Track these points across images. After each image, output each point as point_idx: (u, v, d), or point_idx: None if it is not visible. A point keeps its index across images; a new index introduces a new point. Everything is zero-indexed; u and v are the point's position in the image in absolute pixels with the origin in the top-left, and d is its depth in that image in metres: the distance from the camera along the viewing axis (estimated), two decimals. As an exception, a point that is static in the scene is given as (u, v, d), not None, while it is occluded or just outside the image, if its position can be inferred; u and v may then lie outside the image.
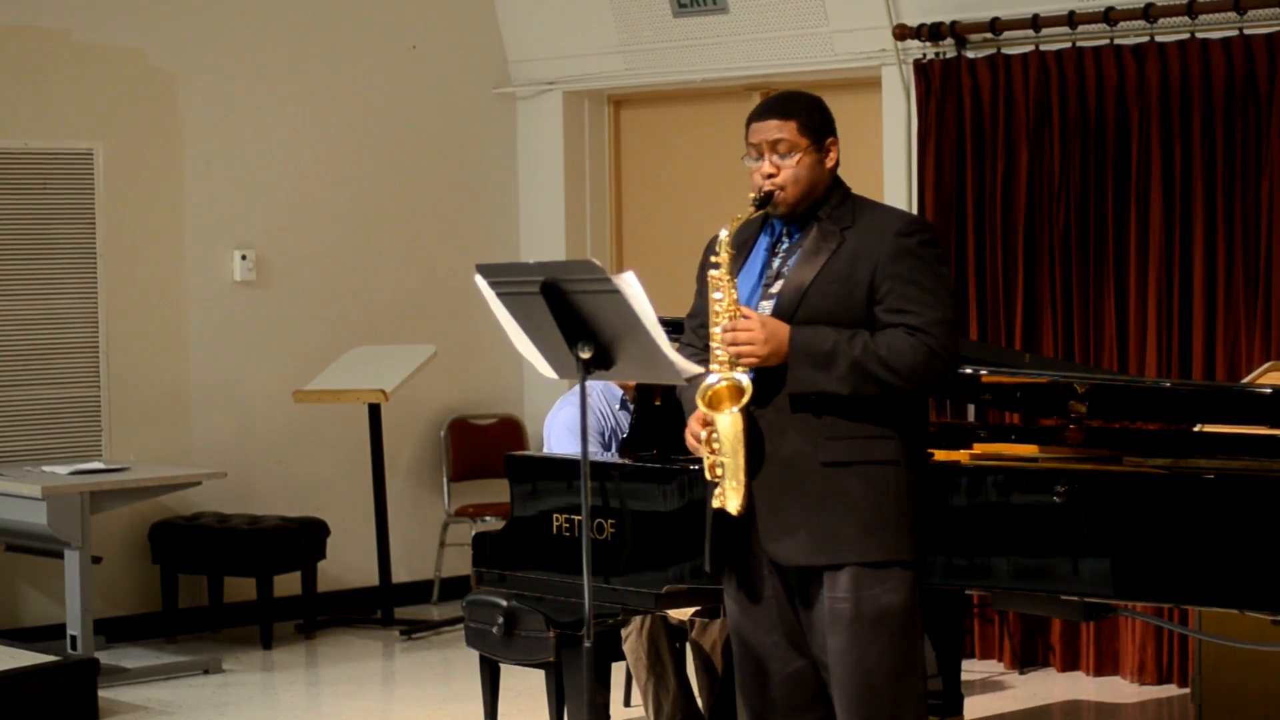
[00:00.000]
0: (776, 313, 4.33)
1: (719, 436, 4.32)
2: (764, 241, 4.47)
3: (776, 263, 4.41)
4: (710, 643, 6.24)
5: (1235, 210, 7.17)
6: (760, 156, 4.40)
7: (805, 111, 4.40)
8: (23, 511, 7.42)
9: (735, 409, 4.28)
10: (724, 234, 4.34)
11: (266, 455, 8.89)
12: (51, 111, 8.31)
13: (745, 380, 4.28)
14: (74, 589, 7.36)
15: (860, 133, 8.04)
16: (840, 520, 4.30)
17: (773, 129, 4.38)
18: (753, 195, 4.38)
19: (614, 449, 6.23)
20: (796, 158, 4.36)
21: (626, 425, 6.27)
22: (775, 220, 4.47)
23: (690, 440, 4.44)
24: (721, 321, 4.32)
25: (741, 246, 4.48)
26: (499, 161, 9.62)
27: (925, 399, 4.52)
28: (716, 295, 4.33)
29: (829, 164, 4.41)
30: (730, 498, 4.35)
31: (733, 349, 4.30)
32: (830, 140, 4.41)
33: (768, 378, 4.32)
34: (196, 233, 8.73)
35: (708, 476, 4.39)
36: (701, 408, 4.32)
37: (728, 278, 4.33)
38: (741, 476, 4.32)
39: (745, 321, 4.30)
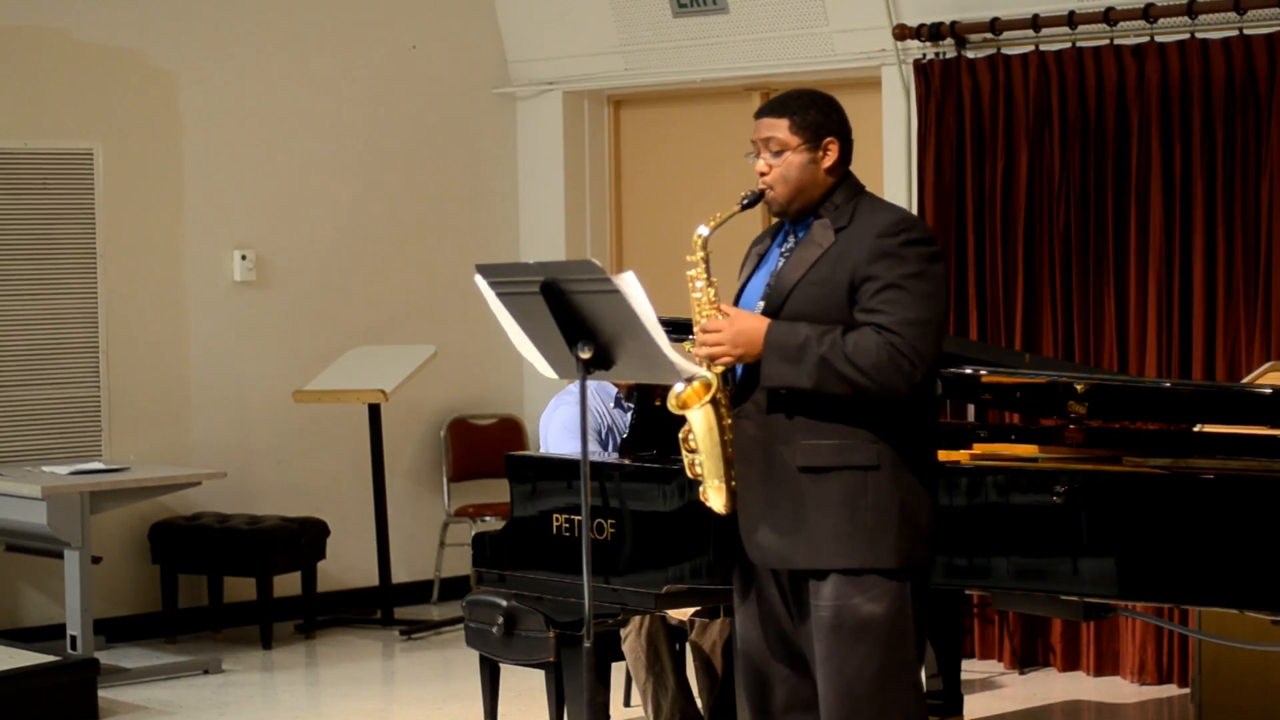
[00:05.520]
0: (765, 313, 4.30)
1: (694, 434, 4.32)
2: (778, 240, 4.44)
3: (781, 262, 4.37)
4: (710, 643, 6.24)
5: (1235, 210, 7.17)
6: (758, 154, 4.38)
7: (800, 110, 4.36)
8: (23, 511, 7.42)
9: (704, 402, 4.26)
10: (704, 230, 4.31)
11: (266, 455, 8.89)
12: (51, 111, 8.31)
13: (710, 375, 4.27)
14: (74, 589, 7.36)
15: (860, 133, 7.93)
16: (815, 525, 4.23)
17: (766, 126, 4.36)
18: (743, 195, 4.35)
19: (610, 447, 6.24)
20: (785, 157, 4.33)
21: (622, 423, 6.28)
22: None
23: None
24: (700, 320, 4.30)
25: (763, 243, 4.47)
26: (499, 161, 9.62)
27: (929, 397, 4.37)
28: (695, 295, 4.31)
29: (825, 164, 4.35)
30: (713, 497, 4.34)
31: (704, 350, 4.29)
32: (829, 140, 4.36)
33: (751, 377, 4.29)
34: (196, 233, 8.73)
35: (689, 475, 4.38)
36: (675, 411, 4.30)
37: (704, 276, 4.30)
38: (722, 474, 4.31)
39: (715, 320, 4.27)
